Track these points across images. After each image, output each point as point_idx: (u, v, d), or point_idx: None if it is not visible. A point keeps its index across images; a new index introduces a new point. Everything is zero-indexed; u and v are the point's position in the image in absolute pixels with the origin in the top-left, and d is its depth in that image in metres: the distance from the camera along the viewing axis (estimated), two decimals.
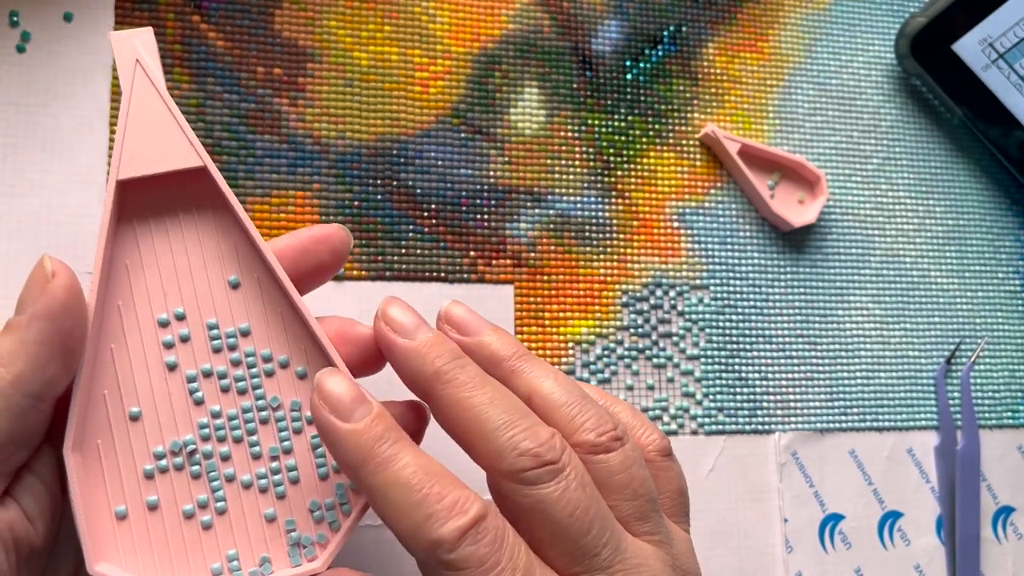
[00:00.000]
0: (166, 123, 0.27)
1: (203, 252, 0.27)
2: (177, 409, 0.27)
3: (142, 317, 0.27)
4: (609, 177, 0.39)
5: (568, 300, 0.37)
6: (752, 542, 0.37)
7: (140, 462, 0.26)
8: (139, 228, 0.27)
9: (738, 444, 0.38)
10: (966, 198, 0.43)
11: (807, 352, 0.40)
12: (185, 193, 0.27)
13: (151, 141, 0.26)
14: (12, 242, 0.32)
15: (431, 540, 0.23)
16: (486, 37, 0.38)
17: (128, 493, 0.26)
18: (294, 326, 0.27)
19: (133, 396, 0.26)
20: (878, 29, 0.44)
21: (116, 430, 0.26)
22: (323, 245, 0.28)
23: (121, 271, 0.27)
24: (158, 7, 0.35)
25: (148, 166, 0.26)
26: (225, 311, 0.27)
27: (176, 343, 0.27)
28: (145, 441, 0.26)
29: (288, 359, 0.27)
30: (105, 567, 0.25)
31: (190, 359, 0.27)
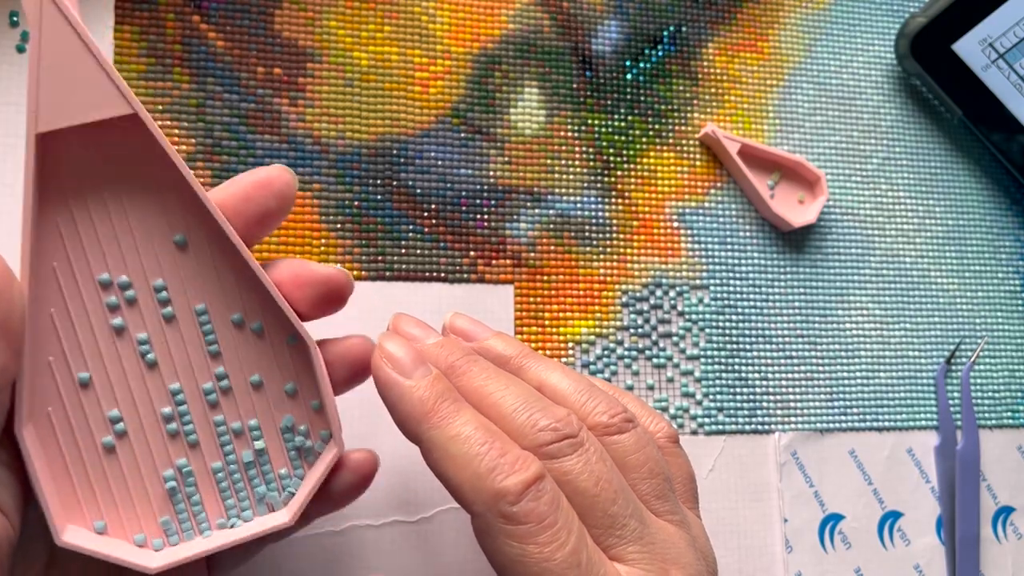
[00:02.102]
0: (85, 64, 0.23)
1: (143, 208, 0.25)
2: (130, 373, 0.25)
3: (81, 278, 0.25)
4: (609, 177, 0.39)
5: (568, 300, 0.37)
6: (752, 542, 0.37)
7: (96, 428, 0.25)
8: (68, 184, 0.25)
9: (738, 444, 0.38)
10: (966, 198, 0.43)
11: (807, 352, 0.40)
12: (117, 144, 0.24)
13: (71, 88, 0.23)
14: (12, 242, 0.32)
15: (495, 490, 0.23)
16: (486, 37, 0.38)
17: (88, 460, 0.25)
18: (247, 281, 0.26)
19: (81, 361, 0.25)
20: (878, 29, 0.44)
21: (67, 397, 0.25)
22: (266, 190, 0.26)
23: (52, 231, 0.25)
24: (158, 7, 0.35)
25: (70, 116, 0.23)
26: (172, 271, 0.26)
27: (122, 305, 0.25)
28: (99, 407, 0.25)
29: (242, 317, 0.26)
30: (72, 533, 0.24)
31: (139, 322, 0.25)
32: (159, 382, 0.26)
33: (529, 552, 0.23)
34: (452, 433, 0.24)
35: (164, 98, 0.35)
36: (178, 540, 0.26)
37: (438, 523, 0.35)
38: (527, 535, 0.23)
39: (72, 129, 0.24)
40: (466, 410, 0.25)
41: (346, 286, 0.27)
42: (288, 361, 0.27)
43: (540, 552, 0.23)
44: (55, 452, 0.25)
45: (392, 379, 0.25)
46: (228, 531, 0.26)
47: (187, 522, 0.26)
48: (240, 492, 0.26)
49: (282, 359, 0.27)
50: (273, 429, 0.27)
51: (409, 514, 0.34)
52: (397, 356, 0.25)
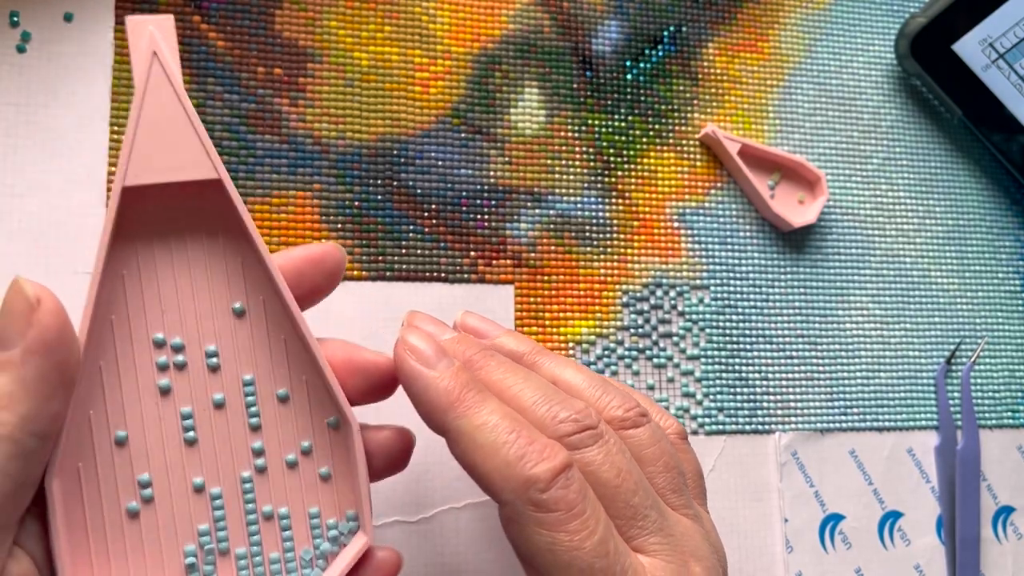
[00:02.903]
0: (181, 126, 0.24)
1: (209, 272, 0.25)
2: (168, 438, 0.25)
3: (136, 334, 0.25)
4: (609, 177, 0.39)
5: (568, 300, 0.37)
6: (752, 542, 0.37)
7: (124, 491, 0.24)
8: (141, 239, 0.25)
9: (738, 444, 0.38)
10: (966, 198, 0.43)
11: (807, 352, 0.40)
12: (194, 205, 0.25)
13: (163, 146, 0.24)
14: (12, 242, 0.32)
15: (525, 477, 0.23)
16: (486, 37, 0.38)
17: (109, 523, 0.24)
18: (297, 355, 0.26)
19: (120, 419, 0.24)
20: (878, 29, 0.44)
21: (100, 454, 0.24)
22: (318, 267, 0.26)
23: (117, 283, 0.24)
24: (158, 7, 0.35)
25: (158, 174, 0.24)
26: (228, 338, 0.25)
27: (171, 367, 0.25)
28: (131, 468, 0.24)
29: (288, 392, 0.26)
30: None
31: (185, 387, 0.25)
32: (196, 451, 0.25)
33: (559, 540, 0.23)
34: (479, 422, 0.24)
35: None
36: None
37: (438, 523, 0.35)
38: (557, 523, 0.23)
39: (156, 186, 0.24)
40: (491, 400, 0.25)
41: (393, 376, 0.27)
42: (327, 444, 0.26)
43: (570, 540, 0.23)
44: (77, 510, 0.24)
45: (417, 371, 0.25)
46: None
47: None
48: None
49: (322, 441, 0.26)
50: (302, 514, 0.26)
51: (409, 514, 0.34)
52: (420, 348, 0.25)
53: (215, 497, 0.25)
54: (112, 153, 0.34)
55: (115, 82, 0.34)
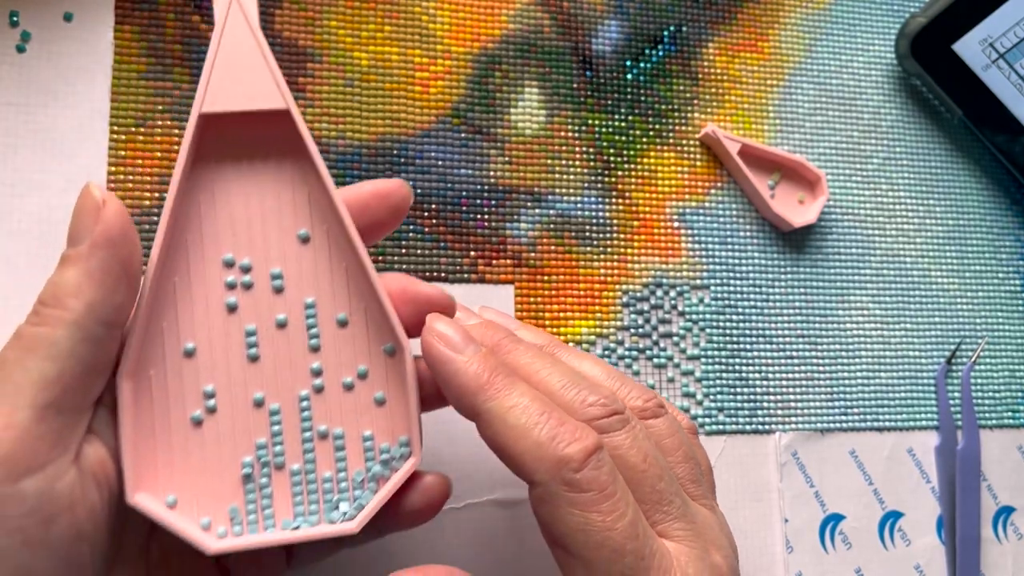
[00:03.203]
0: (255, 60, 0.26)
1: (278, 199, 0.27)
2: (233, 352, 0.26)
3: (208, 255, 0.26)
4: (609, 177, 0.39)
5: (568, 300, 0.37)
6: (752, 542, 0.37)
7: (190, 400, 0.26)
8: (215, 166, 0.26)
9: (738, 444, 0.38)
10: (966, 198, 0.43)
11: (807, 352, 0.40)
12: (265, 135, 0.27)
13: (238, 78, 0.26)
14: (12, 242, 0.32)
15: (558, 457, 0.23)
16: (486, 37, 0.38)
17: (174, 427, 0.26)
18: (357, 283, 0.27)
19: (190, 332, 0.26)
20: (878, 29, 0.44)
21: (170, 363, 0.26)
22: (384, 201, 0.28)
23: (193, 207, 0.26)
24: (158, 7, 0.35)
25: (232, 102, 0.26)
26: (293, 262, 0.27)
27: (239, 287, 0.26)
28: (197, 379, 0.26)
29: (347, 317, 0.27)
30: (143, 498, 0.25)
31: (251, 306, 0.26)
32: (258, 367, 0.26)
33: (592, 520, 0.23)
34: (509, 404, 0.24)
35: (164, 98, 0.35)
36: (241, 531, 0.26)
37: (438, 523, 0.35)
38: (590, 503, 0.23)
39: (231, 114, 0.26)
40: (520, 383, 0.25)
41: (450, 308, 0.28)
42: (383, 369, 0.27)
43: (603, 521, 0.23)
44: (147, 414, 0.25)
45: (446, 355, 0.25)
46: (291, 531, 0.26)
47: (254, 514, 0.26)
48: (312, 495, 0.27)
49: (378, 366, 0.27)
50: (356, 435, 0.27)
51: None
52: (448, 334, 0.26)
53: (274, 412, 0.26)
54: (112, 153, 0.34)
55: (115, 82, 0.34)
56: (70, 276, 0.23)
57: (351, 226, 0.26)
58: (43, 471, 0.22)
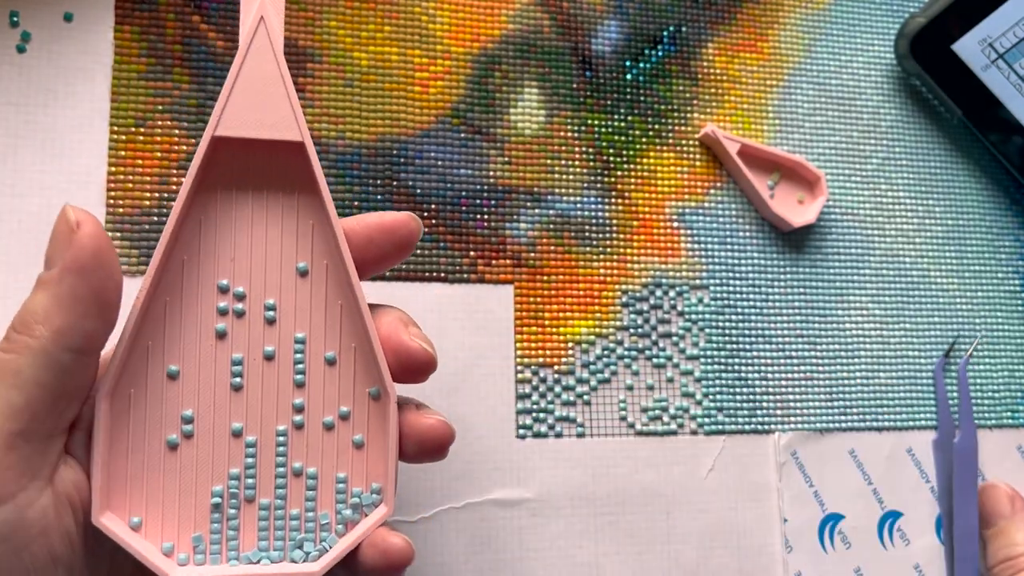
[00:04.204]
0: (275, 88, 0.26)
1: (280, 229, 0.26)
2: (217, 380, 0.26)
3: (203, 278, 0.26)
4: (609, 177, 0.39)
5: (568, 300, 0.37)
6: (752, 542, 0.37)
7: (167, 423, 0.25)
8: (220, 189, 0.26)
9: (738, 444, 0.38)
10: (966, 198, 0.43)
11: (807, 352, 0.40)
12: (275, 164, 0.26)
13: (256, 104, 0.25)
14: (12, 242, 0.32)
15: None
16: (486, 37, 0.38)
17: (149, 449, 0.25)
18: (351, 322, 0.27)
19: (176, 354, 0.26)
20: (878, 29, 0.44)
21: (152, 384, 0.25)
22: (389, 236, 0.27)
23: (194, 228, 0.26)
24: (158, 7, 0.35)
25: (247, 128, 0.25)
26: (288, 295, 0.26)
27: (231, 314, 0.26)
28: (178, 403, 0.26)
29: (336, 356, 0.27)
30: (108, 518, 0.24)
31: (241, 335, 0.26)
32: (241, 397, 0.26)
33: None
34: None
35: (164, 98, 0.35)
36: (203, 560, 0.26)
37: (438, 522, 0.35)
38: None
39: (244, 140, 0.25)
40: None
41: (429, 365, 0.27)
42: (365, 413, 0.27)
43: None
44: (122, 433, 0.25)
45: None
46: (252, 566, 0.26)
47: (218, 544, 0.26)
48: (278, 531, 0.26)
49: (360, 408, 0.27)
50: (330, 476, 0.27)
51: (409, 514, 0.34)
52: None
53: (250, 444, 0.26)
54: (112, 153, 0.34)
55: (115, 82, 0.34)
56: (39, 301, 0.23)
57: (351, 266, 0.26)
58: (13, 500, 0.22)
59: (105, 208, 0.33)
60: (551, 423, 0.36)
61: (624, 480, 0.37)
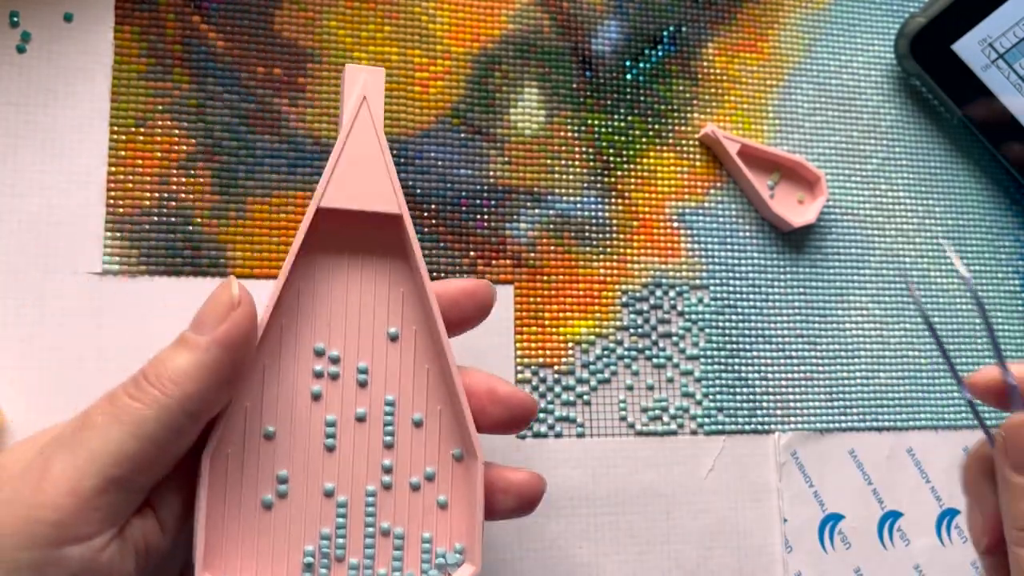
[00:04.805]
0: (376, 164, 0.27)
1: (374, 296, 0.28)
2: (311, 440, 0.27)
3: (300, 342, 0.27)
4: (609, 177, 0.39)
5: (568, 300, 0.37)
6: (752, 542, 0.37)
7: (263, 483, 0.26)
8: (320, 257, 0.27)
9: (738, 444, 0.38)
10: (966, 198, 0.43)
11: (807, 352, 0.40)
12: (372, 235, 0.28)
13: (359, 177, 0.27)
14: (12, 242, 0.32)
15: None
16: (486, 37, 0.38)
17: (245, 509, 0.26)
18: (437, 385, 0.28)
19: (273, 416, 0.26)
20: (878, 29, 0.44)
21: (248, 444, 0.26)
22: (472, 300, 0.29)
23: (293, 293, 0.27)
24: (158, 7, 0.35)
25: (350, 201, 0.27)
26: (380, 359, 0.28)
27: (326, 376, 0.27)
28: (272, 463, 0.26)
29: (422, 418, 0.28)
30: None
31: (335, 397, 0.27)
32: (333, 458, 0.27)
33: None
34: None
35: (164, 98, 0.35)
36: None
37: None
38: None
39: (346, 211, 0.27)
40: None
41: (533, 411, 0.28)
42: (450, 474, 0.28)
43: None
44: (219, 493, 0.26)
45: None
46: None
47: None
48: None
49: (445, 469, 0.28)
50: (416, 536, 0.27)
51: None
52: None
53: (341, 504, 0.27)
54: (112, 153, 0.34)
55: (115, 82, 0.34)
56: (182, 362, 0.24)
57: (442, 328, 0.27)
58: (90, 541, 0.23)
59: (105, 208, 0.33)
60: (551, 423, 0.36)
61: (624, 480, 0.37)
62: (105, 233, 0.33)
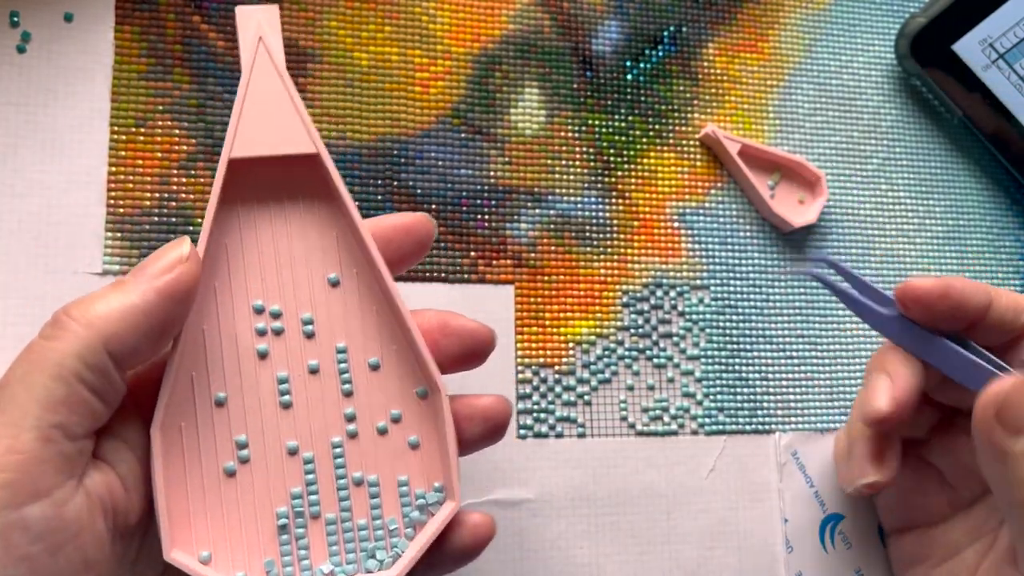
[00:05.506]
0: (283, 105, 0.26)
1: (306, 242, 0.27)
2: (264, 401, 0.26)
3: (237, 301, 0.26)
4: (609, 177, 0.39)
5: (568, 300, 0.37)
6: (752, 542, 0.37)
7: (221, 451, 0.25)
8: (242, 210, 0.26)
9: (738, 444, 0.38)
10: (966, 198, 0.43)
11: (807, 352, 0.40)
12: (293, 178, 0.26)
13: (266, 122, 0.26)
14: (12, 242, 0.32)
15: None
16: (486, 37, 0.38)
17: (207, 479, 0.25)
18: (389, 325, 0.27)
19: (221, 381, 0.26)
20: (878, 29, 0.44)
21: (200, 414, 0.25)
22: (409, 236, 0.27)
23: (220, 252, 0.26)
24: (158, 7, 0.35)
25: (261, 147, 0.26)
26: (323, 307, 0.27)
27: (269, 333, 0.26)
28: (229, 429, 0.26)
29: (379, 361, 0.27)
30: (179, 555, 0.24)
31: (282, 353, 0.26)
32: (291, 415, 0.26)
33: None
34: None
35: (164, 98, 0.35)
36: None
37: None
38: None
39: (259, 159, 0.26)
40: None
41: (490, 342, 0.27)
42: (417, 413, 0.27)
43: None
44: (178, 467, 0.25)
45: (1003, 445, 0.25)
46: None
47: (290, 566, 0.26)
48: (348, 543, 0.26)
49: (411, 409, 0.27)
50: (391, 481, 0.27)
51: None
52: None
53: (307, 461, 0.26)
54: (112, 153, 0.34)
55: (115, 82, 0.34)
56: (112, 302, 0.23)
57: (383, 267, 0.26)
58: (49, 496, 0.22)
59: (105, 208, 0.33)
60: (552, 423, 0.36)
61: (625, 480, 0.36)
62: (105, 233, 0.33)
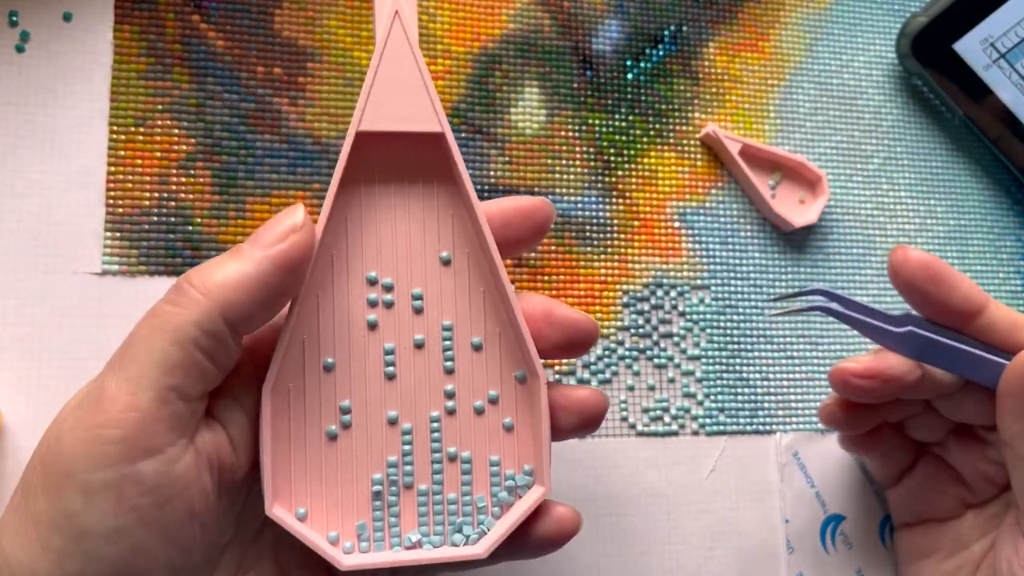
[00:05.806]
0: (414, 82, 0.26)
1: (423, 220, 0.27)
2: (370, 370, 0.26)
3: (352, 272, 0.27)
4: (610, 177, 0.39)
5: (569, 300, 0.37)
6: (753, 543, 0.37)
7: (326, 415, 0.26)
8: (365, 183, 0.27)
9: (739, 444, 0.38)
10: (967, 198, 0.43)
11: (808, 352, 0.40)
12: (415, 156, 0.27)
13: (396, 98, 0.26)
14: (12, 242, 0.32)
15: None
16: (486, 37, 0.38)
17: (310, 441, 0.26)
18: (494, 307, 0.27)
19: (330, 347, 0.26)
20: (879, 29, 0.44)
21: (309, 377, 0.26)
22: (527, 220, 0.28)
23: (340, 223, 0.27)
24: (158, 7, 0.35)
25: (389, 122, 0.26)
26: (433, 284, 0.27)
27: (380, 305, 0.27)
28: (335, 394, 0.26)
29: (482, 342, 0.27)
30: (279, 511, 0.25)
31: (391, 325, 0.27)
32: (394, 386, 0.27)
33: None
34: None
35: (164, 98, 0.35)
36: (368, 547, 0.26)
37: None
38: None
39: (386, 134, 0.26)
40: None
41: (593, 334, 0.28)
42: (513, 396, 0.28)
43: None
44: (284, 428, 0.26)
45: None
46: (417, 551, 0.26)
47: (380, 531, 0.26)
48: (437, 516, 0.27)
49: (508, 392, 0.28)
50: (483, 460, 0.27)
51: None
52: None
53: (406, 432, 0.27)
54: (111, 153, 0.34)
55: (114, 82, 0.34)
56: (229, 271, 0.24)
57: (495, 251, 0.27)
58: (162, 454, 0.23)
59: (105, 208, 0.33)
60: None
61: (625, 481, 0.36)
62: (105, 233, 0.33)
